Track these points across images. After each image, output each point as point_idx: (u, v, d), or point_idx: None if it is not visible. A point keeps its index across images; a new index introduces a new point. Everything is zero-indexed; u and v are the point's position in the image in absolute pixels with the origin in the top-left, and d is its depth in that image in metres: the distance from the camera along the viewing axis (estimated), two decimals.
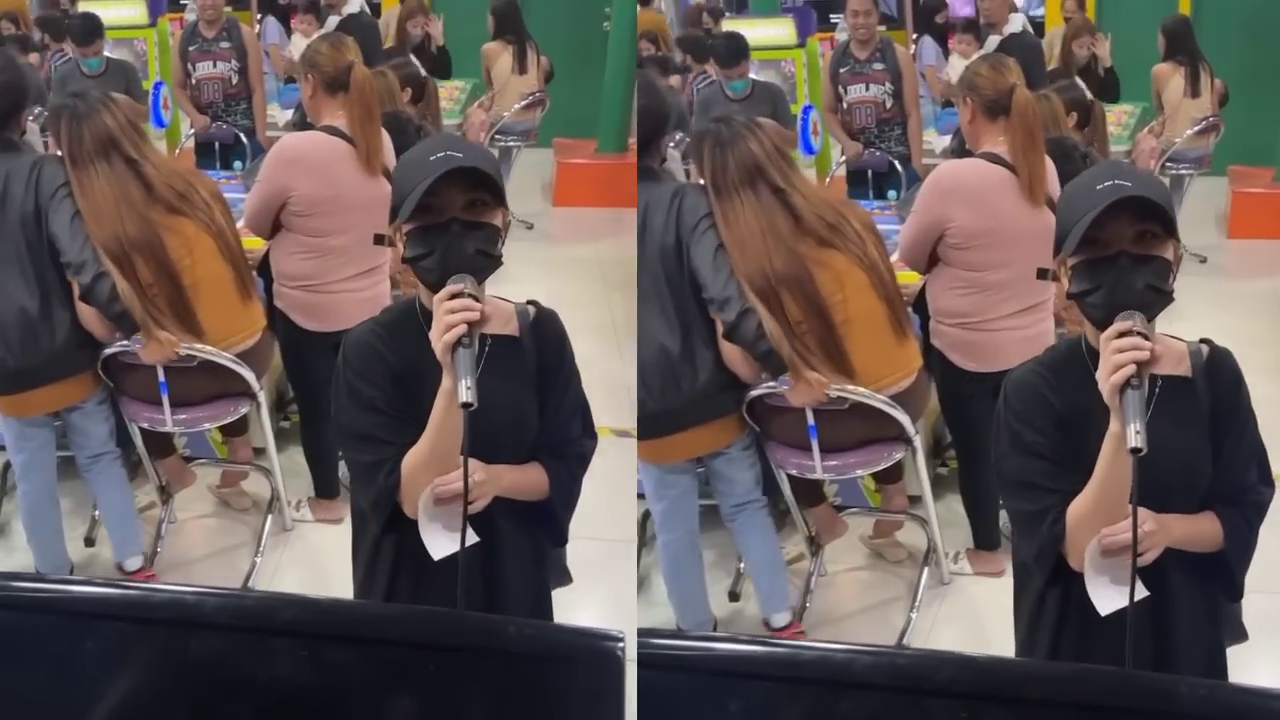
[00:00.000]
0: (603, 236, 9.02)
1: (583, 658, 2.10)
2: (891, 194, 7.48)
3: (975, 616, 5.46)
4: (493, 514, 3.27)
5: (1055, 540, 3.05)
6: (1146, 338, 2.89)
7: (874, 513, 5.84)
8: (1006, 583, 5.38)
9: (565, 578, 3.66)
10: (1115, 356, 2.86)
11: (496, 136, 9.06)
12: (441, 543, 3.18)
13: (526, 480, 3.34)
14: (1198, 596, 3.17)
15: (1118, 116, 9.05)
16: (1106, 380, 2.87)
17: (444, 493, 3.14)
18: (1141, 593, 2.98)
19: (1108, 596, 2.98)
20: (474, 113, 9.19)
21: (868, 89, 7.94)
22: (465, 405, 2.97)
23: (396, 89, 6.82)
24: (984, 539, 5.68)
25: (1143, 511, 2.95)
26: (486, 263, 3.17)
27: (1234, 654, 3.35)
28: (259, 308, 5.54)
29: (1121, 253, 2.96)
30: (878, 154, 7.66)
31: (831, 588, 5.58)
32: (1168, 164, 8.77)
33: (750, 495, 5.20)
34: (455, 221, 3.14)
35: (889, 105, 7.92)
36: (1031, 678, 1.90)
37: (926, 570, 5.56)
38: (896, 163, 7.80)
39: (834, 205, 5.00)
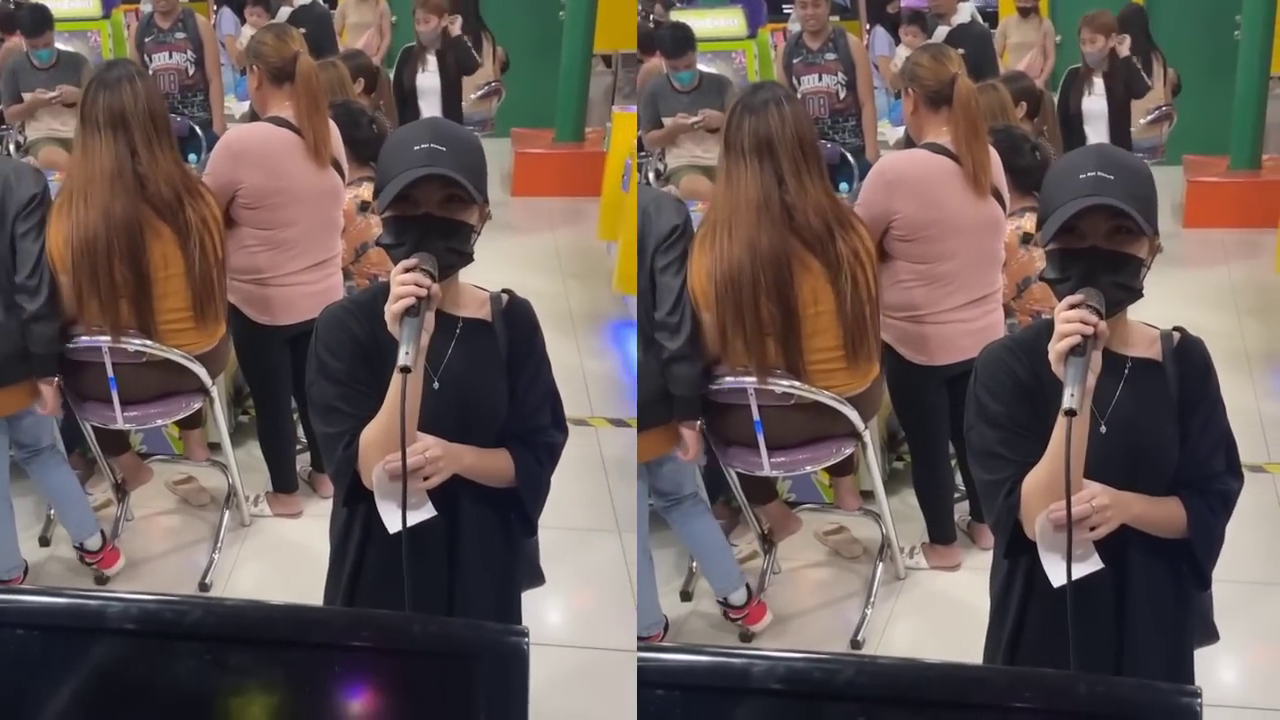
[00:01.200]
0: (561, 226, 9.03)
1: (488, 653, 2.13)
2: (844, 186, 7.44)
3: (931, 610, 5.46)
4: (458, 494, 3.32)
5: (1011, 509, 3.10)
6: (1100, 314, 2.96)
7: (828, 509, 5.82)
8: (963, 576, 5.53)
9: (538, 578, 3.70)
10: (1063, 326, 2.94)
11: None
12: (396, 516, 3.21)
13: (490, 463, 3.38)
14: (1163, 579, 3.20)
15: None
16: (1053, 348, 2.95)
17: (396, 468, 3.17)
18: (1095, 565, 3.05)
19: (1060, 568, 3.02)
20: None
21: (821, 79, 7.90)
22: (403, 369, 3.06)
23: (348, 79, 6.78)
24: (939, 533, 5.66)
25: (1096, 486, 3.03)
26: (456, 259, 3.26)
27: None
28: (219, 329, 5.45)
29: (1094, 248, 3.01)
30: (829, 146, 7.63)
31: (787, 585, 5.55)
32: None
33: (688, 490, 5.20)
34: (430, 217, 3.22)
35: (843, 96, 7.89)
36: (928, 679, 1.92)
37: (881, 565, 5.54)
38: (848, 155, 7.76)
39: (829, 219, 4.92)
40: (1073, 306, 2.97)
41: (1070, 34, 9.27)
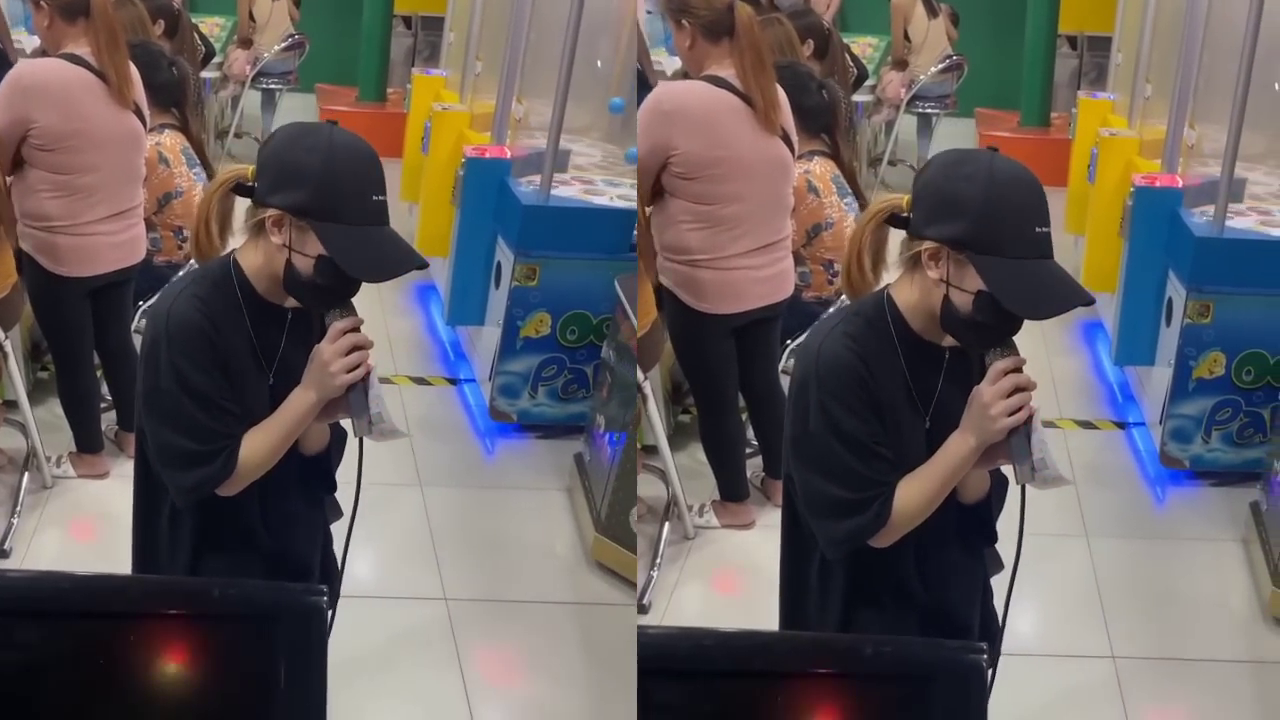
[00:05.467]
0: None
1: (287, 613, 2.16)
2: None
3: (723, 571, 5.38)
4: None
5: (879, 525, 3.06)
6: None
7: None
8: (756, 535, 5.41)
9: (336, 512, 3.65)
10: (1010, 401, 2.99)
11: (259, 78, 8.89)
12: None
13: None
14: (970, 545, 3.27)
15: (861, 49, 9.13)
16: (1002, 419, 2.99)
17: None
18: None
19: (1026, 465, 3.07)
20: (234, 51, 9.02)
21: None
22: (362, 435, 3.15)
23: (147, 20, 6.53)
24: (730, 490, 5.50)
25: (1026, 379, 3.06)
26: None
27: None
28: (8, 257, 5.31)
29: None
30: None
31: None
32: (915, 101, 8.94)
33: None
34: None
35: None
36: (706, 649, 1.93)
37: (668, 525, 5.36)
38: None
39: None
40: (1008, 371, 3.01)
41: None
